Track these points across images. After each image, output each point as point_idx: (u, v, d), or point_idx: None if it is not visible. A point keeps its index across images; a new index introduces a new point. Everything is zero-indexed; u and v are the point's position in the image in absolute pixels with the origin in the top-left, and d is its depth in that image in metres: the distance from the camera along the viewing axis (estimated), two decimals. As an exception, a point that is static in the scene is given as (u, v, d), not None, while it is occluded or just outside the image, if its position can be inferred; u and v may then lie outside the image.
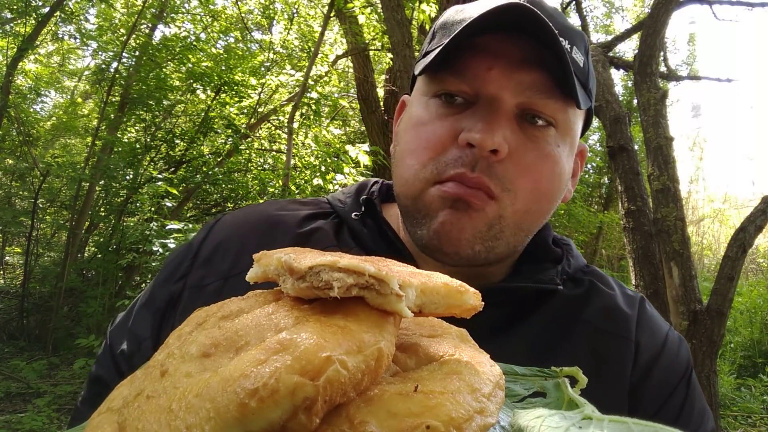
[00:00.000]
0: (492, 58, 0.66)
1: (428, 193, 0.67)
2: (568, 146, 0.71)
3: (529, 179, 0.67)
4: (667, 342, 0.76)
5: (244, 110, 8.05)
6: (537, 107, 0.67)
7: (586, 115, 0.77)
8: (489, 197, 0.65)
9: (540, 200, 0.69)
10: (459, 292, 0.39)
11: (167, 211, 6.35)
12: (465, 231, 0.65)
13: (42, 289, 7.33)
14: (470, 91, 0.68)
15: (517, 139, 0.66)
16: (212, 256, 0.78)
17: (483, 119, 0.65)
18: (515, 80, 0.65)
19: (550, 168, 0.68)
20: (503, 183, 0.65)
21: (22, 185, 7.52)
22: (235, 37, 8.66)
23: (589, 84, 0.71)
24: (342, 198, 0.84)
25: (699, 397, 0.76)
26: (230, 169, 8.00)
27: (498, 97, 0.66)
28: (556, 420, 0.39)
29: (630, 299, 0.80)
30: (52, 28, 7.68)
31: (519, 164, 0.66)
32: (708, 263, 12.26)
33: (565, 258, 0.80)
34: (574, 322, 0.74)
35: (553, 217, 5.60)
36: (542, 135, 0.68)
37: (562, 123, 0.69)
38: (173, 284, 0.78)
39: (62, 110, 9.12)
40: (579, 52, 0.69)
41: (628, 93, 11.57)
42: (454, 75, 0.68)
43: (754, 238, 3.35)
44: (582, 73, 0.69)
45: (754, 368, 6.42)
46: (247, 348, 0.34)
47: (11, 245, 8.63)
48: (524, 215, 0.68)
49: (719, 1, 4.65)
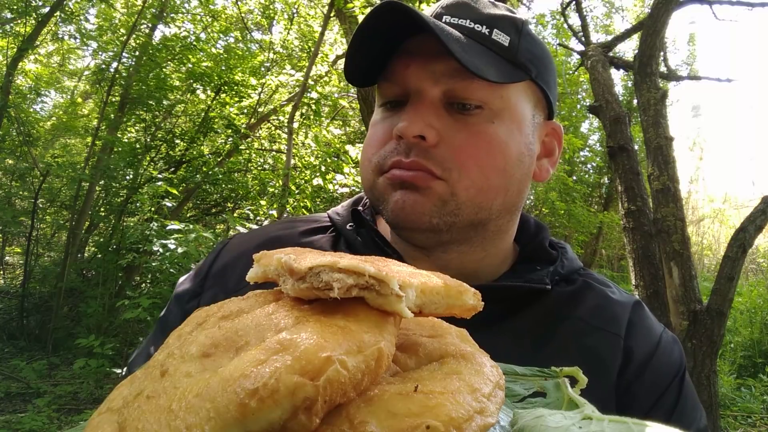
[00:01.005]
0: (409, 56, 0.73)
1: (378, 183, 0.75)
2: (508, 122, 0.74)
3: (466, 157, 0.71)
4: (660, 343, 0.78)
5: (244, 110, 8.05)
6: (458, 92, 0.72)
7: (542, 91, 0.79)
8: (433, 176, 0.71)
9: (489, 176, 0.72)
10: (459, 292, 0.39)
11: (167, 211, 6.35)
12: (418, 205, 0.71)
13: (42, 289, 7.33)
14: (400, 91, 0.75)
15: (446, 124, 0.72)
16: (222, 274, 0.84)
17: (408, 112, 0.72)
18: (430, 71, 0.71)
19: (487, 144, 0.72)
20: (443, 164, 0.71)
21: (22, 185, 7.51)
22: (235, 37, 8.66)
23: (518, 59, 0.74)
24: (340, 211, 0.90)
25: (691, 396, 0.78)
26: (230, 169, 8.01)
27: (420, 89, 0.72)
28: (556, 420, 0.39)
29: (625, 299, 0.82)
30: (52, 28, 7.68)
31: (452, 146, 0.71)
32: (708, 263, 12.26)
33: (559, 260, 0.83)
34: (565, 319, 0.76)
35: (552, 217, 5.63)
36: (470, 117, 0.72)
37: (492, 102, 0.73)
38: (186, 304, 0.84)
39: (62, 110, 9.12)
40: (502, 33, 0.74)
41: (628, 93, 11.56)
42: (386, 80, 0.76)
43: (754, 238, 3.34)
44: (505, 51, 0.73)
45: (754, 368, 6.41)
46: (247, 348, 0.34)
47: (11, 245, 8.63)
48: (478, 192, 0.72)
49: (719, 1, 4.64)
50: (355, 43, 0.72)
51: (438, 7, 0.77)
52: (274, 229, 0.91)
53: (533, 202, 12.24)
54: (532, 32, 0.78)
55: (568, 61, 10.29)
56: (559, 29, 10.51)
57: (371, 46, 0.73)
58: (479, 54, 0.70)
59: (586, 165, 14.07)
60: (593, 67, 4.59)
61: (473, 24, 0.74)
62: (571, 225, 11.07)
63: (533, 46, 0.77)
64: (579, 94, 12.98)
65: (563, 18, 6.34)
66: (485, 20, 0.74)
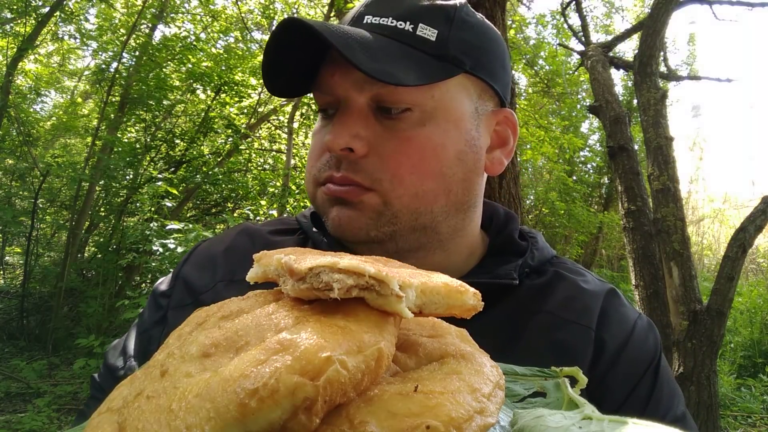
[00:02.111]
0: (335, 65, 0.71)
1: (318, 196, 0.75)
2: (442, 121, 0.71)
3: (396, 165, 0.69)
4: (634, 331, 0.76)
5: (244, 110, 8.05)
6: (384, 96, 0.69)
7: (486, 82, 0.76)
8: (363, 189, 0.70)
9: (424, 181, 0.70)
10: (459, 292, 0.39)
11: (167, 211, 6.35)
12: (354, 221, 0.70)
13: (42, 289, 7.33)
14: (331, 99, 0.73)
15: (374, 132, 0.70)
16: (189, 277, 0.85)
17: (335, 123, 0.71)
18: (352, 79, 0.69)
19: (418, 149, 0.70)
20: (372, 175, 0.69)
21: (22, 185, 7.51)
22: (235, 37, 8.66)
23: (449, 53, 0.71)
24: (306, 213, 0.90)
25: (668, 383, 0.76)
26: (230, 169, 8.00)
27: (346, 98, 0.71)
28: (556, 420, 0.39)
29: (597, 287, 0.80)
30: (52, 28, 7.68)
31: (381, 155, 0.69)
32: (708, 263, 12.26)
33: (529, 251, 0.81)
34: (535, 313, 0.75)
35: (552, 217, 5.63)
36: (399, 122, 0.70)
37: (423, 103, 0.70)
38: (159, 300, 0.85)
39: (62, 110, 9.12)
40: (428, 27, 0.70)
41: (628, 93, 11.57)
42: (317, 90, 0.74)
43: (754, 238, 3.34)
44: (432, 46, 0.70)
45: (754, 368, 6.41)
46: (247, 348, 0.34)
47: (11, 245, 8.62)
48: (413, 198, 0.70)
49: (719, 1, 4.64)
50: (266, 62, 0.71)
51: (361, 6, 0.73)
52: (241, 229, 0.91)
53: (533, 202, 12.24)
54: (469, 18, 0.74)
55: (568, 61, 10.29)
56: (559, 29, 10.50)
57: (287, 62, 0.71)
58: (396, 57, 0.67)
59: (586, 165, 14.07)
60: (593, 67, 4.59)
61: (396, 21, 0.70)
62: (571, 225, 11.07)
63: (468, 35, 0.73)
64: (579, 94, 12.98)
65: (563, 18, 6.34)
66: (408, 15, 0.70)
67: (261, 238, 0.87)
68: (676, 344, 3.32)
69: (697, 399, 3.18)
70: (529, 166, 12.20)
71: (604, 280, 0.84)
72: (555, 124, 11.54)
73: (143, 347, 0.81)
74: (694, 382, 3.19)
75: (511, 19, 9.32)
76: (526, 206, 11.80)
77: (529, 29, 11.05)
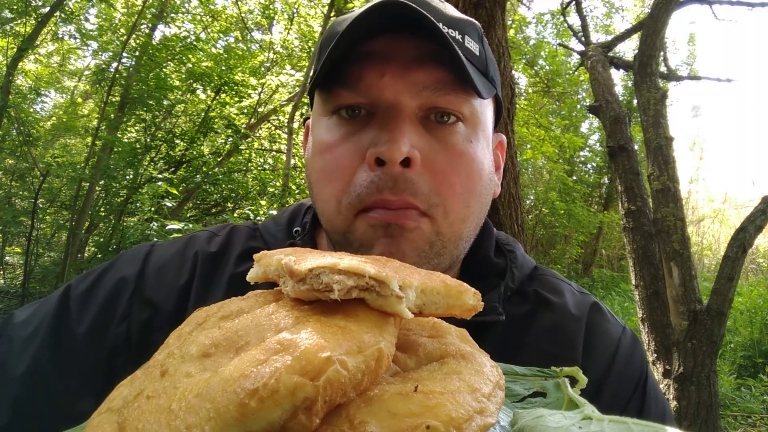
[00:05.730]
0: (382, 63, 0.62)
1: (356, 226, 0.63)
2: (482, 139, 0.68)
3: (448, 187, 0.63)
4: (618, 351, 0.74)
5: (244, 110, 8.05)
6: (439, 105, 0.63)
7: (495, 104, 0.75)
8: (421, 214, 0.62)
9: (469, 204, 0.65)
10: (459, 292, 0.39)
11: (167, 211, 6.35)
12: (407, 256, 0.62)
13: (42, 289, 7.33)
14: (367, 102, 0.63)
15: (426, 143, 0.62)
16: (147, 289, 0.75)
17: (386, 129, 0.61)
18: (410, 81, 0.62)
19: (467, 167, 0.64)
20: (429, 199, 0.62)
21: (22, 185, 7.52)
22: (235, 37, 8.66)
23: (489, 71, 0.68)
24: (274, 231, 0.81)
25: (656, 401, 0.73)
26: (230, 169, 8.01)
27: (396, 103, 0.62)
28: (556, 420, 0.39)
29: (579, 307, 0.76)
30: (52, 28, 7.68)
31: (435, 171, 0.62)
32: (708, 263, 12.27)
33: (508, 270, 0.76)
34: (520, 347, 0.71)
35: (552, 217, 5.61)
36: (451, 133, 0.64)
37: (470, 116, 0.65)
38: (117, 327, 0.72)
39: (62, 110, 9.13)
40: (472, 41, 0.66)
41: (628, 93, 11.58)
42: (348, 88, 0.63)
43: (754, 238, 3.34)
44: (479, 61, 0.66)
45: (754, 368, 6.41)
46: (247, 348, 0.34)
47: (11, 245, 8.62)
48: (460, 224, 0.65)
49: (719, 1, 4.64)
50: (343, 39, 0.60)
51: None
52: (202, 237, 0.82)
53: (533, 202, 12.24)
54: (486, 39, 0.71)
55: (568, 61, 10.30)
56: (559, 29, 10.51)
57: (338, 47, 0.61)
58: (468, 65, 0.62)
59: (586, 165, 14.08)
60: (593, 67, 4.59)
61: (447, 28, 0.63)
62: (571, 225, 11.07)
63: (491, 56, 0.70)
64: (579, 94, 12.99)
65: (563, 18, 6.34)
66: (456, 24, 0.65)
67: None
68: (676, 344, 3.32)
69: (697, 399, 3.18)
70: (529, 166, 12.21)
71: (584, 291, 0.81)
72: (555, 124, 11.54)
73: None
74: (694, 382, 3.19)
75: (511, 19, 9.32)
76: (526, 206, 11.80)
77: (529, 29, 11.06)
